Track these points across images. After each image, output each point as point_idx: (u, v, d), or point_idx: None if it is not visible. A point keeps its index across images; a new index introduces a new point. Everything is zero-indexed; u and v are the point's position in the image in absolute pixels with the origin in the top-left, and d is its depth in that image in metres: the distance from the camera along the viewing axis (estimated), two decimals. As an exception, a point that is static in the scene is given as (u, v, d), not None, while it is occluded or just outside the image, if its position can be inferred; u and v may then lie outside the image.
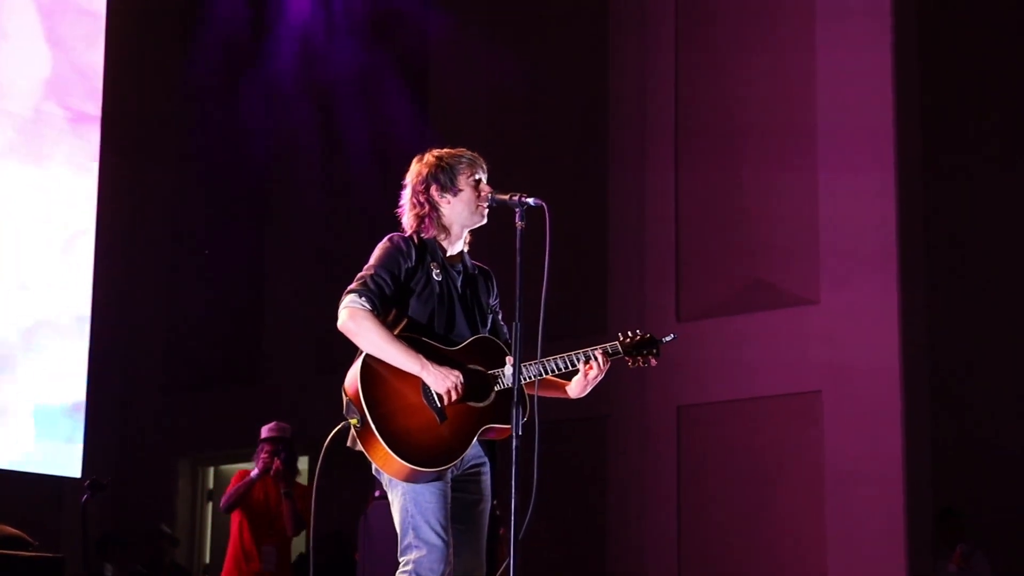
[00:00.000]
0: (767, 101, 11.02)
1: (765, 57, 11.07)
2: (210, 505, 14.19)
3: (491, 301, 5.23)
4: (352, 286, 4.94)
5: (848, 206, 10.50)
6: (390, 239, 5.07)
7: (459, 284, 5.11)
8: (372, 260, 5.01)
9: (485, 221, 5.12)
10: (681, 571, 10.90)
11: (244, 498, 9.37)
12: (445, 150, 5.14)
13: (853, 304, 10.37)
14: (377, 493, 8.26)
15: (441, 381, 4.83)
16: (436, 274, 5.05)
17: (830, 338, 10.41)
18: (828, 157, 10.63)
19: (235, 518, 9.51)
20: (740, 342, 10.80)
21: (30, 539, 7.54)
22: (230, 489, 9.46)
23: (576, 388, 5.16)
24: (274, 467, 9.24)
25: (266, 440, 9.39)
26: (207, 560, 14.08)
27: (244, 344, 13.93)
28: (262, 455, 9.37)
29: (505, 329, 5.20)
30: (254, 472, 9.39)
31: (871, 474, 10.15)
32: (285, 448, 9.26)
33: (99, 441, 12.49)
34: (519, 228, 4.88)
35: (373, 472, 4.95)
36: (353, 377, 4.88)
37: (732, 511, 10.75)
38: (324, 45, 13.51)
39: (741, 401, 10.83)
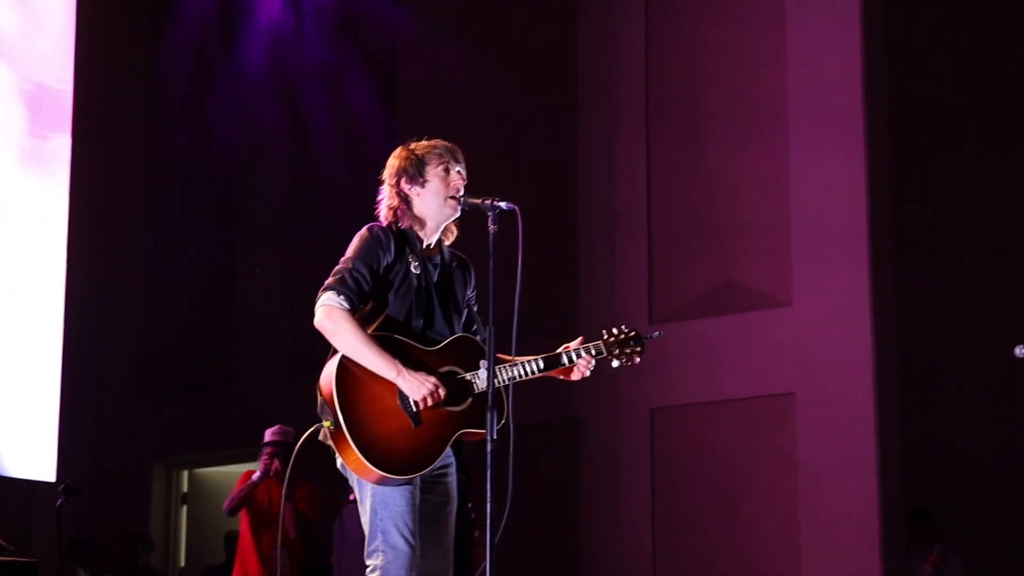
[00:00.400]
0: (737, 94, 11.04)
1: (736, 49, 11.09)
2: (184, 509, 14.16)
3: (468, 293, 5.20)
4: (329, 281, 4.90)
5: (819, 208, 10.53)
6: (369, 229, 5.03)
7: (436, 277, 5.09)
8: (350, 252, 4.98)
9: (458, 214, 5.09)
10: (656, 573, 10.92)
11: (246, 500, 9.47)
12: (420, 143, 5.13)
13: (825, 306, 10.39)
14: (352, 496, 8.25)
15: (417, 388, 4.81)
16: (414, 267, 5.02)
17: (802, 340, 10.44)
18: (799, 161, 10.66)
19: (243, 520, 9.58)
20: (713, 344, 10.81)
21: (4, 544, 7.52)
22: (234, 491, 9.55)
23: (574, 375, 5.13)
24: (273, 469, 9.26)
25: (267, 443, 9.44)
26: (182, 564, 14.05)
27: (217, 348, 13.90)
28: (263, 458, 9.42)
29: (478, 324, 5.18)
30: (256, 475, 9.45)
31: (844, 475, 10.18)
32: (287, 451, 9.28)
33: (73, 445, 12.45)
34: (492, 232, 4.89)
35: (339, 468, 4.93)
36: (328, 378, 4.84)
37: (706, 513, 10.77)
38: (293, 42, 13.48)
39: (714, 403, 10.85)
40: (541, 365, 4.99)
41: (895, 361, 10.46)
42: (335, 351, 4.89)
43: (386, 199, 5.10)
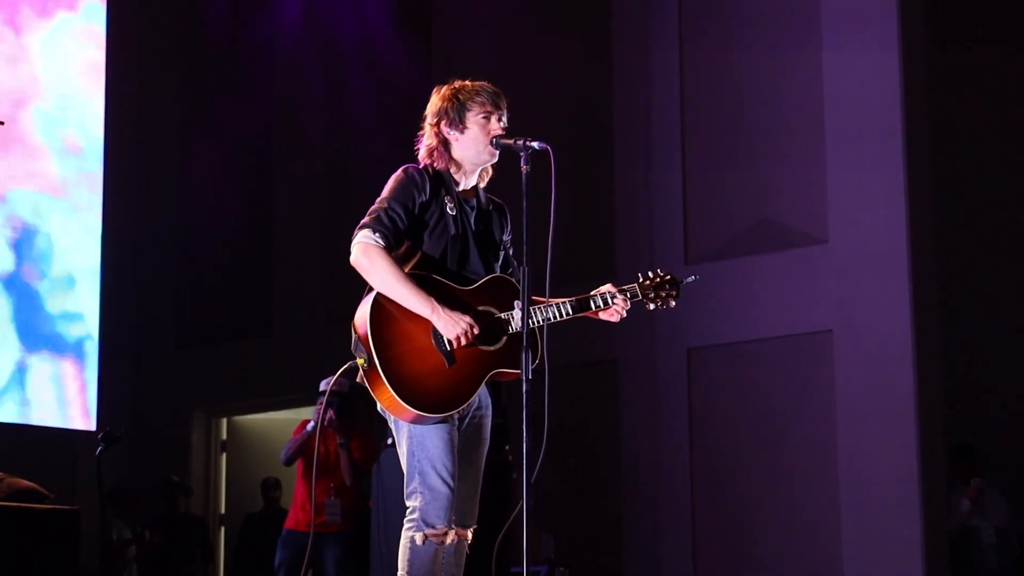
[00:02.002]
0: (772, 36, 10.94)
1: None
2: (224, 456, 14.24)
3: (504, 236, 5.18)
4: (365, 220, 4.89)
5: (856, 145, 10.45)
6: (404, 170, 5.02)
7: (472, 219, 5.07)
8: (385, 192, 4.96)
9: (494, 160, 5.08)
10: (695, 513, 10.92)
11: (301, 450, 9.55)
12: (465, 83, 5.10)
13: (862, 242, 10.33)
14: (390, 440, 8.28)
15: (452, 326, 4.80)
16: (450, 208, 5.00)
17: (840, 277, 10.38)
18: (834, 97, 10.56)
19: (299, 469, 9.66)
20: (749, 283, 10.77)
21: (46, 492, 7.57)
22: (289, 441, 9.62)
23: (608, 316, 5.11)
24: (327, 419, 9.29)
25: (321, 393, 9.48)
26: (222, 511, 14.14)
27: (255, 295, 13.94)
28: (317, 408, 9.48)
29: (513, 266, 5.18)
30: (310, 424, 9.52)
31: (884, 412, 10.14)
32: (340, 400, 9.31)
33: (113, 394, 12.53)
34: (524, 172, 4.86)
35: (379, 411, 4.94)
36: (363, 316, 4.84)
37: (744, 452, 10.76)
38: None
39: (751, 342, 10.81)
40: (573, 308, 4.98)
41: (934, 297, 10.40)
42: (370, 290, 4.88)
43: (425, 138, 5.09)
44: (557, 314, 4.95)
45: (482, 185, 5.17)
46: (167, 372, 14.15)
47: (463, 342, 4.81)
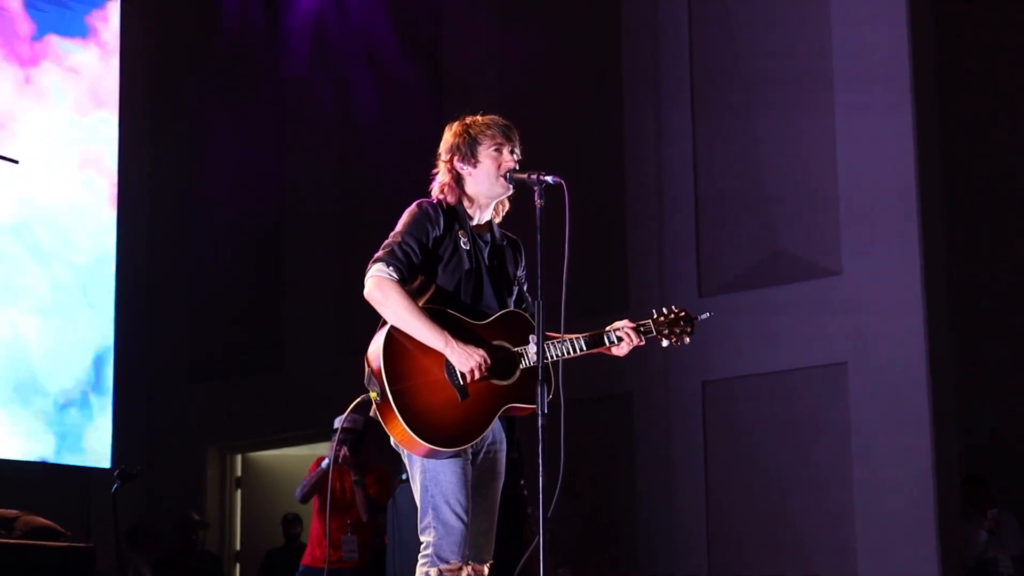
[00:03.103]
0: (782, 61, 10.95)
1: (780, 14, 11.01)
2: (239, 492, 14.24)
3: (518, 271, 5.19)
4: (379, 254, 4.90)
5: (867, 176, 10.45)
6: (418, 205, 5.03)
7: (486, 254, 5.08)
8: (399, 227, 4.97)
9: (509, 192, 5.09)
10: (710, 546, 10.89)
11: (317, 487, 9.54)
12: (477, 117, 5.12)
13: (876, 273, 10.32)
14: (404, 476, 8.28)
15: (465, 360, 4.80)
16: (464, 243, 5.01)
17: (854, 308, 10.37)
18: (846, 126, 10.58)
19: (315, 506, 9.66)
20: (763, 315, 10.76)
21: (62, 529, 7.58)
22: (305, 478, 9.62)
23: (618, 351, 5.11)
24: (341, 456, 9.28)
25: (335, 430, 9.49)
26: (237, 547, 14.13)
27: (266, 330, 13.95)
28: (332, 445, 9.48)
29: (528, 302, 5.18)
30: (325, 462, 9.51)
31: (899, 443, 10.11)
32: (354, 437, 9.32)
33: (127, 431, 12.55)
34: (538, 206, 4.88)
35: (392, 445, 4.94)
36: (376, 349, 4.85)
37: (759, 484, 10.73)
38: (337, 28, 13.50)
39: (766, 375, 10.79)
40: (587, 343, 4.98)
41: (948, 328, 10.38)
42: (383, 323, 4.89)
43: (439, 173, 5.11)
44: (571, 349, 4.95)
45: (497, 220, 5.18)
46: (180, 408, 14.16)
47: (476, 376, 4.81)
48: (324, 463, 9.56)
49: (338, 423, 9.44)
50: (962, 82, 11.27)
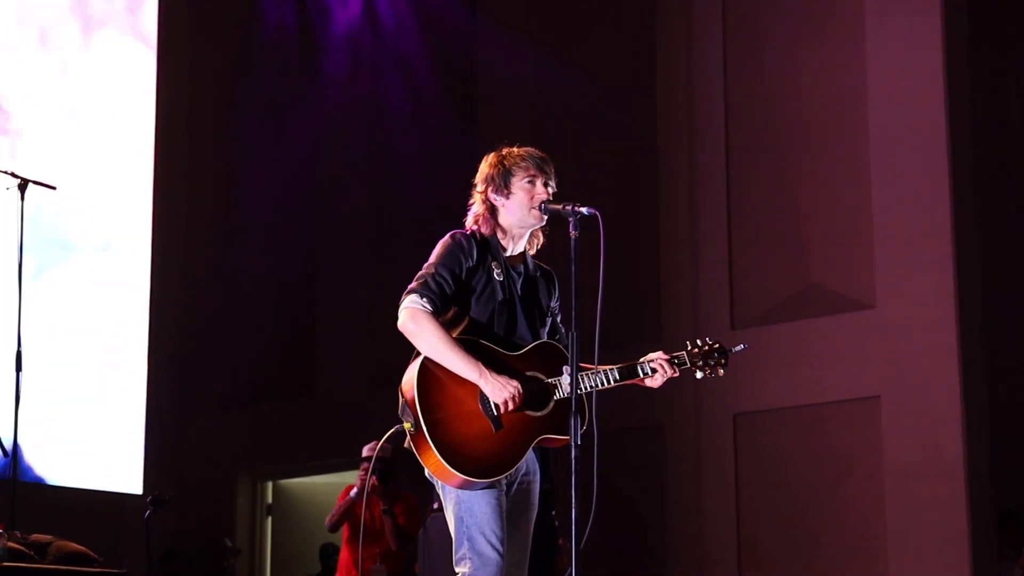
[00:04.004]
0: (817, 102, 10.96)
1: (815, 54, 11.01)
2: (269, 520, 14.25)
3: (552, 303, 5.19)
4: (412, 285, 4.90)
5: (902, 210, 10.44)
6: (452, 236, 5.03)
7: (519, 285, 5.08)
8: (433, 258, 4.98)
9: (541, 224, 5.10)
10: (741, 579, 10.86)
11: (346, 516, 9.53)
12: (512, 149, 5.13)
13: (909, 307, 10.29)
14: (436, 505, 8.28)
15: (499, 391, 4.80)
16: (497, 274, 5.02)
17: (887, 342, 10.34)
18: (880, 163, 10.57)
19: (344, 534, 9.65)
20: (796, 348, 10.74)
21: (95, 555, 7.59)
22: (334, 508, 9.62)
23: (651, 382, 5.11)
24: (370, 485, 9.28)
25: (363, 459, 9.49)
26: (267, 574, 14.13)
27: (298, 358, 13.98)
28: (360, 474, 9.48)
29: (561, 333, 5.18)
30: (354, 490, 9.51)
31: (932, 478, 10.07)
32: (383, 466, 9.31)
33: (159, 457, 12.59)
34: (573, 237, 4.88)
35: (426, 476, 4.94)
36: (410, 380, 4.85)
37: (792, 519, 10.69)
38: (371, 54, 13.57)
39: (798, 408, 10.76)
40: (620, 374, 4.97)
41: (983, 362, 10.33)
42: (417, 354, 4.89)
43: (474, 204, 5.13)
44: (604, 381, 4.94)
45: (531, 251, 5.18)
46: (212, 435, 14.19)
47: (510, 407, 4.81)
48: (353, 492, 9.56)
49: (367, 452, 9.46)
50: (997, 114, 11.23)
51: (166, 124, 12.47)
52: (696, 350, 5.11)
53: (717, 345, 5.13)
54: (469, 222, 5.11)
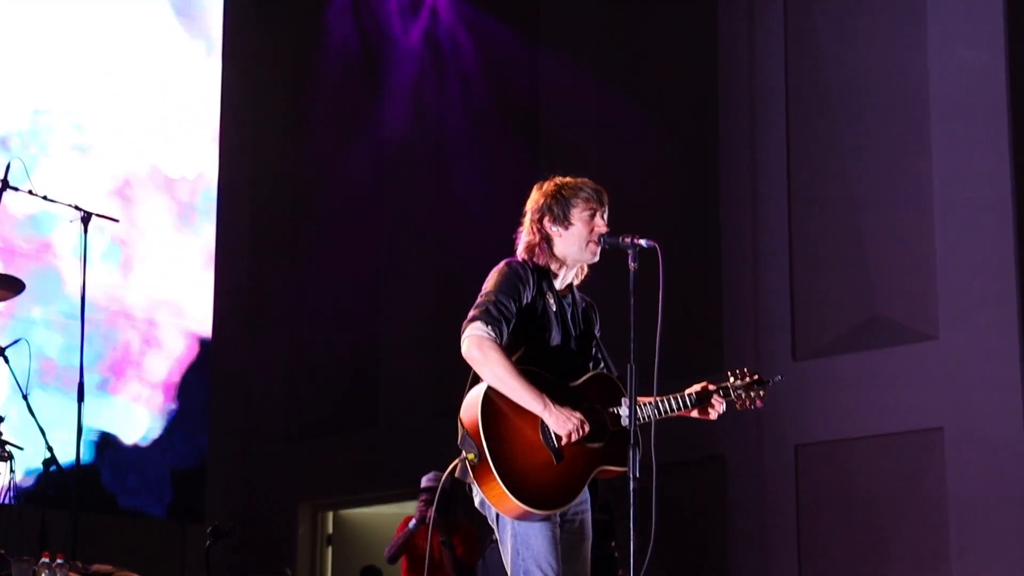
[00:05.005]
0: (881, 128, 10.91)
1: (877, 76, 10.97)
2: (330, 550, 14.27)
3: (596, 332, 5.21)
4: (474, 313, 4.88)
5: (965, 239, 10.37)
6: (508, 264, 5.02)
7: (571, 316, 5.09)
8: (490, 285, 4.95)
9: (596, 259, 5.09)
10: (803, 612, 10.78)
11: (404, 548, 9.54)
12: (567, 179, 5.11)
13: (972, 338, 10.21)
14: (495, 536, 8.27)
15: (563, 424, 4.79)
16: (552, 304, 5.03)
17: (950, 373, 10.26)
18: (944, 193, 10.51)
19: (403, 566, 9.65)
20: (858, 379, 10.67)
21: (156, 585, 7.63)
22: (393, 539, 9.63)
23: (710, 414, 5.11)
24: (429, 516, 9.24)
25: (423, 490, 9.49)
26: (328, 604, 14.15)
27: (361, 388, 14.01)
28: (419, 505, 9.49)
29: (606, 362, 5.17)
30: (412, 522, 9.51)
31: (997, 510, 9.97)
32: (441, 497, 9.28)
33: (222, 487, 12.65)
34: (632, 270, 4.88)
35: (476, 506, 4.94)
36: (473, 409, 4.84)
37: (854, 551, 10.60)
38: (434, 90, 13.63)
39: (860, 439, 10.69)
40: (673, 405, 4.97)
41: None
42: (475, 382, 4.89)
43: (525, 233, 5.11)
44: (658, 412, 4.94)
45: (577, 283, 5.18)
46: (274, 465, 14.23)
47: (574, 439, 4.81)
48: (412, 523, 9.57)
49: (426, 483, 9.46)
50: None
51: (228, 153, 12.57)
52: (737, 381, 5.11)
53: (756, 376, 5.14)
54: (520, 251, 5.10)
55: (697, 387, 5.07)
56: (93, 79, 11.25)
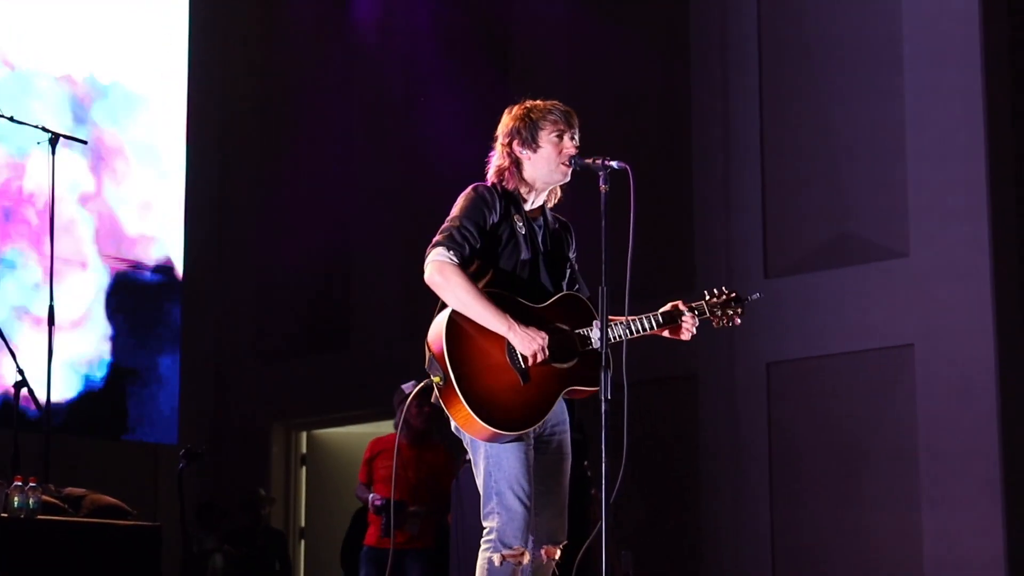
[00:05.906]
0: (854, 43, 10.86)
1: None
2: (304, 469, 14.31)
3: (570, 254, 5.20)
4: (438, 238, 4.90)
5: (936, 158, 10.36)
6: (474, 189, 5.03)
7: (541, 238, 5.08)
8: (456, 211, 4.97)
9: (567, 179, 5.08)
10: (774, 529, 10.85)
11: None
12: (537, 102, 5.10)
13: (943, 256, 10.22)
14: (468, 457, 8.28)
15: (528, 343, 4.80)
16: (520, 227, 5.02)
17: (921, 291, 10.28)
18: (915, 109, 10.49)
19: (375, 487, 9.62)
20: (829, 297, 10.70)
21: (128, 508, 7.64)
22: (358, 489, 9.64)
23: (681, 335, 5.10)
24: (397, 423, 9.27)
25: (405, 396, 9.39)
26: (302, 524, 14.21)
27: (332, 309, 14.01)
28: (398, 415, 9.33)
29: (580, 283, 5.17)
30: (377, 500, 9.39)
31: (966, 428, 10.03)
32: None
33: (194, 409, 12.65)
34: (603, 192, 4.87)
35: (452, 430, 4.95)
36: (438, 333, 4.86)
37: (824, 468, 10.67)
38: (405, 8, 13.53)
39: (831, 357, 10.73)
40: (644, 325, 4.96)
41: (1018, 311, 10.26)
42: (443, 307, 4.91)
43: (496, 157, 5.11)
44: (629, 332, 4.94)
45: (550, 205, 5.18)
46: (246, 386, 14.25)
47: (539, 359, 4.81)
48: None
49: (407, 388, 9.40)
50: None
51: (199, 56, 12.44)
52: (713, 299, 5.11)
53: (733, 294, 5.14)
54: (491, 175, 5.10)
55: (668, 306, 5.07)
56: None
